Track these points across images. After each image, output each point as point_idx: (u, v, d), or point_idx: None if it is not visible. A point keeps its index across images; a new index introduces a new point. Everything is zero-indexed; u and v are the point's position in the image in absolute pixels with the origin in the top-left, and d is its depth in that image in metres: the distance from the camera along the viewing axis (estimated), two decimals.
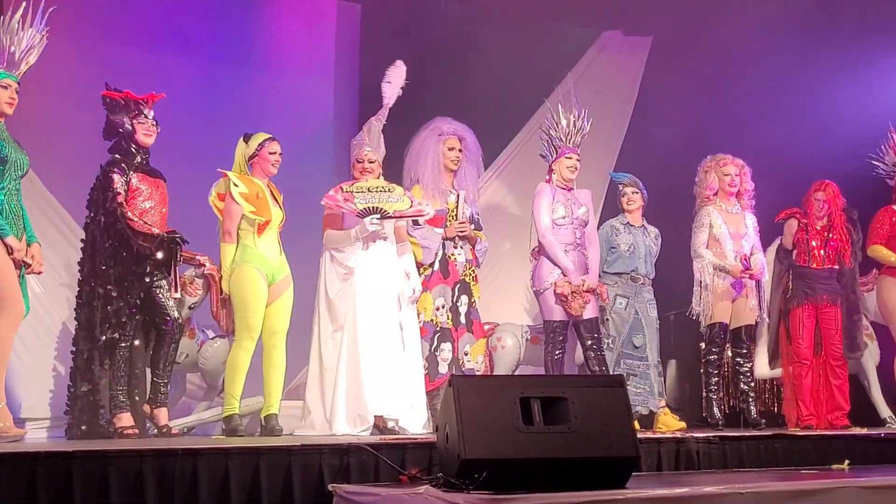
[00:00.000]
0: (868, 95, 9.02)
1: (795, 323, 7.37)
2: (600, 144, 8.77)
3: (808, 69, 9.10)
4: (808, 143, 8.81)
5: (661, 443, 5.60)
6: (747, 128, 8.73)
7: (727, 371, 7.86)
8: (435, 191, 6.70)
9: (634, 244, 7.07)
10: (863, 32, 9.08)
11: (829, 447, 6.14)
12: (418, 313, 6.49)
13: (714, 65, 9.11)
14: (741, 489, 4.40)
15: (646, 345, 6.98)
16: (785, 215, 7.56)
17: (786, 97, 9.10)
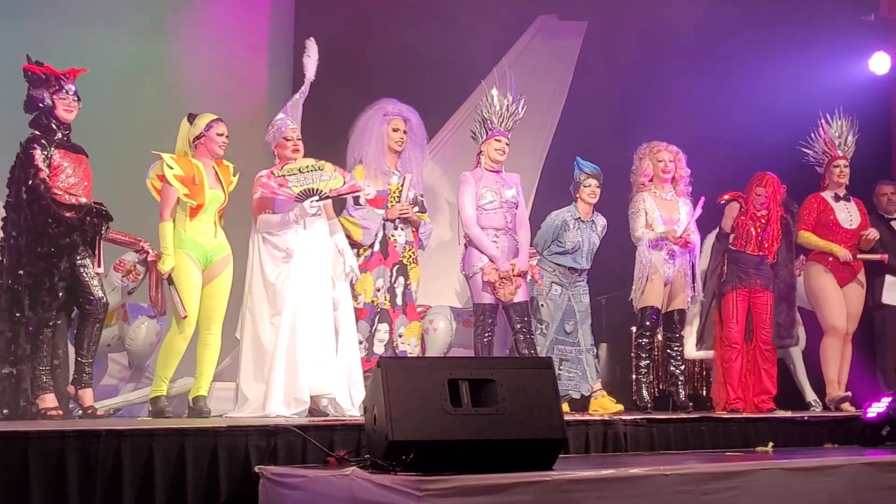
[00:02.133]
0: (803, 82, 9.13)
1: (728, 307, 7.43)
2: (534, 128, 8.78)
3: (745, 55, 9.19)
4: (745, 129, 8.91)
5: (589, 425, 5.63)
6: (684, 113, 8.77)
7: (658, 354, 7.94)
8: (377, 171, 6.67)
9: (580, 242, 7.09)
10: (798, 19, 9.20)
11: (754, 430, 6.23)
12: (358, 294, 6.47)
13: (650, 50, 9.15)
14: (666, 471, 4.45)
15: (577, 330, 7.02)
16: (727, 198, 7.61)
17: (723, 83, 9.18)
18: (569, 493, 4.12)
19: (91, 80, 6.00)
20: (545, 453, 4.36)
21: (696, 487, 4.46)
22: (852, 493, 4.94)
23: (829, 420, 6.68)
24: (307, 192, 6.00)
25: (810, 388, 8.11)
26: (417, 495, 3.74)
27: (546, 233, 7.07)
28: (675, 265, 7.18)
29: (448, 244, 7.90)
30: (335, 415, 5.80)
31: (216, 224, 6.08)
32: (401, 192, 6.71)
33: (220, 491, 4.39)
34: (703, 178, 7.57)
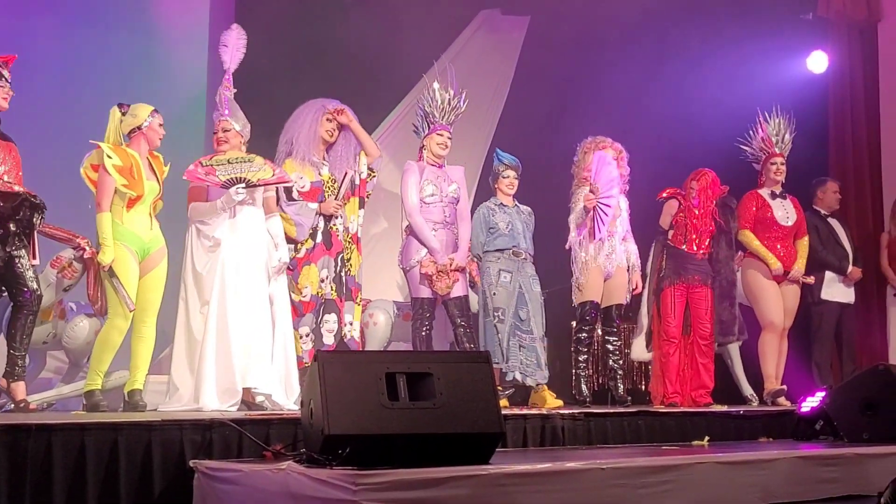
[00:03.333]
0: (743, 80, 9.22)
1: (666, 302, 7.49)
2: (476, 123, 8.78)
3: (686, 51, 9.25)
4: (685, 126, 8.97)
5: (527, 419, 5.64)
6: (625, 108, 8.82)
7: (597, 349, 7.98)
8: (306, 161, 6.62)
9: (512, 222, 7.10)
10: (738, 17, 9.28)
11: (690, 424, 6.28)
12: (303, 287, 6.43)
13: (592, 45, 9.19)
14: (602, 465, 4.47)
15: (530, 318, 7.02)
16: (666, 195, 7.67)
17: (663, 79, 9.23)
18: (505, 487, 4.12)
19: (24, 67, 5.89)
20: (482, 447, 4.36)
21: (632, 481, 4.49)
22: (785, 486, 5.00)
23: (764, 414, 6.75)
24: (234, 180, 5.96)
25: (747, 383, 8.19)
26: (353, 489, 3.72)
27: (478, 226, 7.05)
28: (614, 260, 7.20)
29: (388, 238, 7.88)
30: (272, 409, 5.76)
31: (151, 216, 6.01)
32: (336, 185, 6.66)
33: (153, 486, 4.33)
34: (643, 175, 7.61)
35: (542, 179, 7.83)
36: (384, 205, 8.04)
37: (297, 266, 6.53)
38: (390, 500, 3.78)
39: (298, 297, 6.49)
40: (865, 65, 9.94)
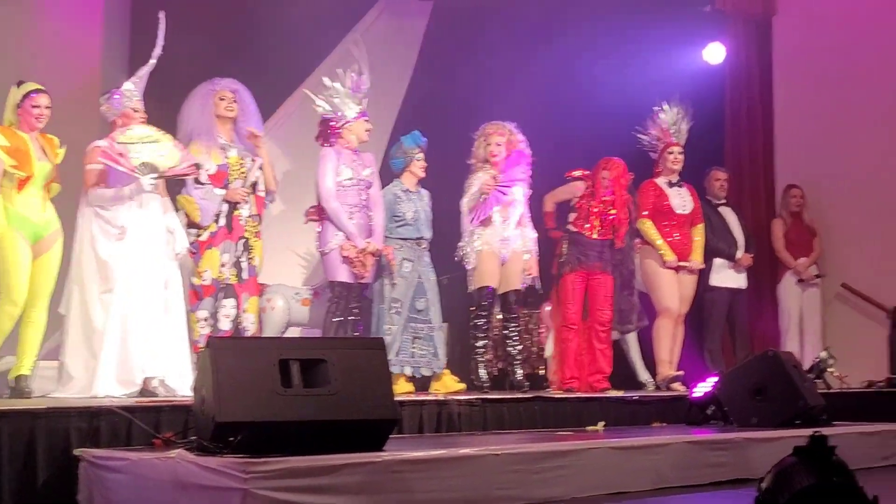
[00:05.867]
0: (642, 69, 9.31)
1: (567, 287, 7.52)
2: (379, 107, 8.70)
3: (587, 40, 9.30)
4: (586, 114, 9.02)
5: (424, 405, 5.64)
6: (528, 96, 8.83)
7: (497, 334, 8.01)
8: (213, 144, 6.52)
9: (417, 211, 7.09)
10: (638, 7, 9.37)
11: (586, 409, 6.34)
12: (203, 271, 6.35)
13: (495, 31, 9.19)
14: (496, 451, 4.50)
15: (428, 308, 7.01)
16: (575, 175, 7.69)
17: (565, 67, 9.27)
18: (399, 473, 4.12)
19: None
20: (376, 434, 4.35)
21: (526, 467, 4.52)
22: (677, 470, 5.09)
23: (658, 400, 6.85)
24: (146, 166, 5.85)
25: (644, 368, 8.32)
26: (243, 477, 3.68)
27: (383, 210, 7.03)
28: (509, 245, 7.22)
29: (285, 222, 7.80)
30: (165, 395, 5.67)
31: (44, 198, 5.85)
32: (244, 169, 6.57)
33: (37, 476, 4.22)
34: (546, 162, 7.64)
35: (442, 164, 7.81)
36: (280, 188, 7.95)
37: (199, 250, 6.43)
38: (282, 487, 3.75)
39: (198, 281, 6.41)
40: (760, 57, 10.15)
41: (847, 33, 9.72)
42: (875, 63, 9.55)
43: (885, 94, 9.47)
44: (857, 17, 9.69)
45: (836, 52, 9.76)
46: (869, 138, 9.53)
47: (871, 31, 9.60)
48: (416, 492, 4.13)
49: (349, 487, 3.92)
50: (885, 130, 9.44)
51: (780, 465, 2.98)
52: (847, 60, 9.70)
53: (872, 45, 9.58)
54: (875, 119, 9.51)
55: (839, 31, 9.76)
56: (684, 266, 7.98)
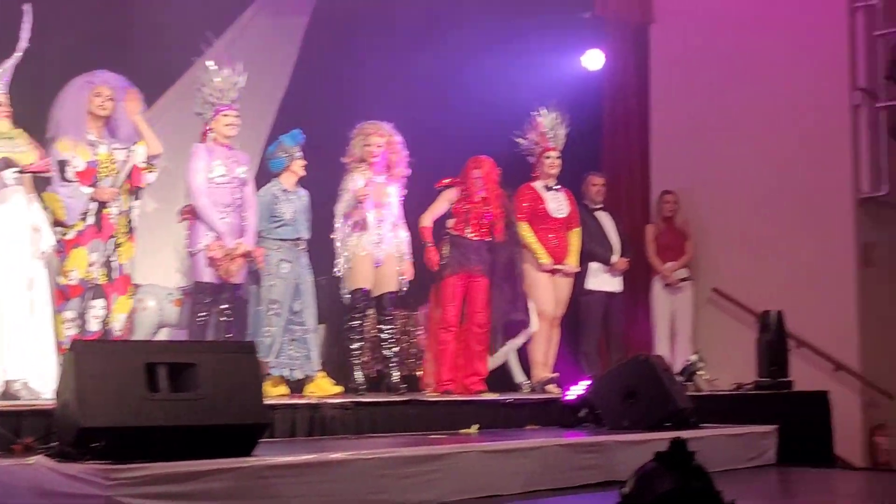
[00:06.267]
0: (521, 74, 9.39)
1: (447, 290, 7.51)
2: (258, 104, 8.62)
3: (469, 43, 9.33)
4: (466, 116, 9.05)
5: (296, 409, 5.59)
6: (408, 96, 8.83)
7: (374, 336, 7.97)
8: (81, 140, 6.33)
9: (296, 211, 7.01)
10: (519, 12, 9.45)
11: (461, 412, 6.35)
12: (70, 270, 6.15)
13: (376, 31, 9.16)
14: (367, 455, 4.49)
15: (304, 310, 6.94)
16: (445, 184, 7.72)
17: (446, 69, 9.29)
18: (267, 479, 4.08)
19: None
20: (245, 439, 4.30)
21: (397, 471, 4.53)
22: (548, 473, 5.15)
23: (532, 402, 6.91)
24: (4, 161, 5.68)
25: (520, 370, 8.38)
26: (105, 484, 3.60)
27: (260, 211, 6.94)
28: (383, 248, 7.19)
29: (161, 219, 7.64)
30: (28, 399, 5.50)
31: None
32: (114, 167, 6.40)
33: None
34: (424, 162, 7.63)
35: (322, 164, 7.75)
36: (155, 186, 7.79)
37: (66, 249, 6.23)
38: (146, 494, 3.68)
39: (65, 281, 6.20)
40: (638, 64, 10.34)
41: (722, 42, 9.97)
42: (748, 71, 9.81)
43: (758, 101, 9.74)
44: (732, 26, 9.94)
45: (711, 59, 10.00)
46: (742, 145, 9.79)
47: (744, 40, 9.86)
48: (284, 497, 4.10)
49: (215, 494, 3.87)
50: (758, 138, 9.71)
51: (641, 470, 3.04)
52: (721, 68, 9.95)
53: (746, 54, 9.84)
54: (748, 126, 9.77)
55: (714, 40, 10.01)
56: (560, 269, 8.08)
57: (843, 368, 9.16)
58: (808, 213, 9.46)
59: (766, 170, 9.66)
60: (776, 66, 9.68)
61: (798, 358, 9.01)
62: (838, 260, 9.36)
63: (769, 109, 9.68)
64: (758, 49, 9.77)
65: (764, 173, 9.66)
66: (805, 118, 9.53)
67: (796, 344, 9.11)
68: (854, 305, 9.28)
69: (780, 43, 9.68)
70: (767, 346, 8.49)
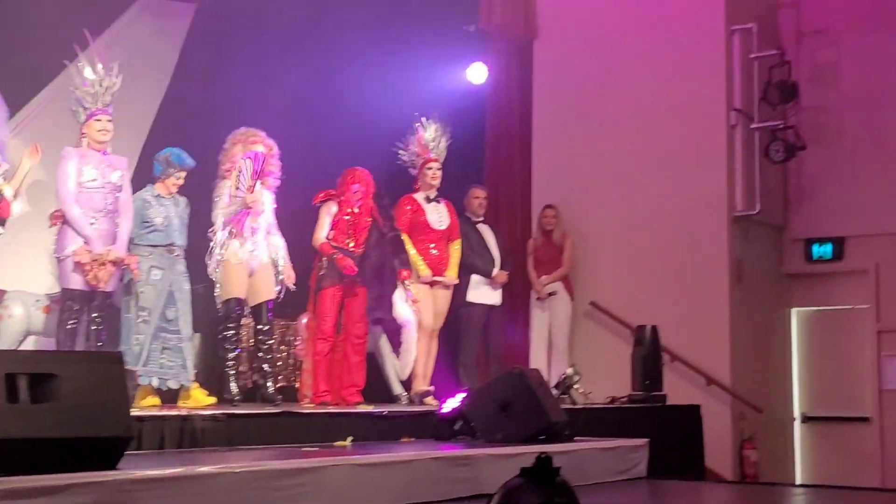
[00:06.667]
0: (406, 85, 9.38)
1: (325, 300, 7.48)
2: (137, 106, 8.45)
3: (352, 53, 9.30)
4: (346, 126, 9.01)
5: (166, 420, 5.46)
6: (288, 105, 8.75)
7: (252, 346, 7.86)
8: None
9: (168, 217, 6.86)
10: (405, 23, 9.45)
11: (335, 424, 6.29)
12: None
13: (257, 38, 9.05)
14: (236, 468, 4.40)
15: (178, 318, 6.80)
16: (323, 197, 7.66)
17: (328, 79, 9.24)
18: (131, 493, 3.98)
19: None
20: (109, 452, 4.18)
21: (267, 484, 4.45)
22: (420, 486, 5.13)
23: (408, 415, 6.88)
24: None
25: (398, 382, 8.35)
26: None
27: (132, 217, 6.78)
28: (258, 256, 7.10)
29: (31, 224, 7.43)
30: None
31: None
32: None
33: None
34: (298, 170, 7.56)
35: (201, 170, 7.62)
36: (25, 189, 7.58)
37: None
38: None
39: None
40: (521, 79, 10.45)
41: (603, 59, 10.15)
42: (629, 89, 10.00)
43: (638, 119, 9.94)
44: (614, 45, 10.13)
45: (593, 77, 10.17)
46: (622, 161, 9.97)
47: (625, 59, 10.06)
48: None
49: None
50: (637, 154, 9.90)
51: (506, 486, 3.04)
52: (603, 86, 10.13)
53: (627, 72, 10.03)
54: (628, 143, 9.95)
55: (596, 57, 10.18)
56: (439, 281, 8.09)
57: (714, 383, 9.38)
58: (684, 229, 9.67)
59: (644, 186, 9.84)
60: (656, 85, 9.89)
61: (672, 372, 9.19)
62: (712, 276, 9.58)
63: (649, 127, 9.88)
64: (639, 68, 9.96)
65: (642, 190, 9.85)
66: (683, 137, 9.75)
67: (670, 358, 9.31)
68: (727, 321, 9.52)
69: (661, 62, 9.89)
70: (642, 361, 8.63)
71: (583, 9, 10.29)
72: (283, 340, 8.45)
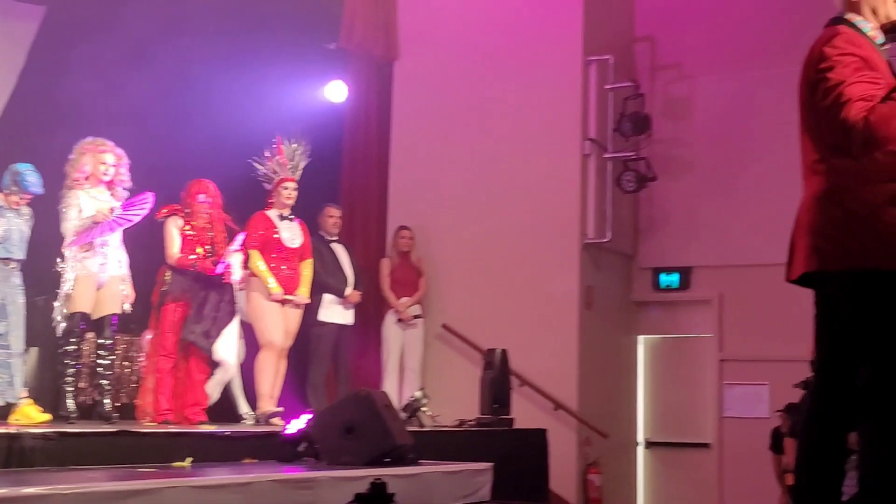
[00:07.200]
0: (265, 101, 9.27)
1: (168, 316, 7.36)
2: None
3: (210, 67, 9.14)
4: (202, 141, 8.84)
5: None
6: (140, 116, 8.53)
7: (92, 361, 7.62)
8: None
9: (9, 230, 6.60)
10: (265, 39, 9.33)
11: (175, 444, 6.10)
12: None
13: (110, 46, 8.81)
14: (65, 489, 4.23)
15: (9, 332, 6.53)
16: (166, 213, 7.49)
17: (184, 91, 9.07)
18: None
19: None
20: None
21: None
22: None
23: (252, 435, 6.74)
24: None
25: (245, 401, 8.23)
26: None
27: None
28: (107, 269, 6.90)
29: None
30: None
31: None
32: None
33: None
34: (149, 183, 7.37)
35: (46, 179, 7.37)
36: None
37: None
38: None
39: None
40: (381, 99, 10.43)
41: (463, 84, 10.21)
42: (487, 115, 10.08)
43: (495, 145, 10.02)
44: (474, 70, 10.19)
45: (452, 100, 10.22)
46: (477, 186, 10.03)
47: (484, 84, 10.14)
48: None
49: None
50: (493, 180, 9.97)
51: None
52: (461, 110, 10.19)
53: (485, 97, 10.11)
54: (484, 168, 10.02)
55: (456, 81, 10.23)
56: (290, 300, 7.98)
57: (561, 407, 9.49)
58: (536, 255, 9.77)
59: (499, 211, 9.92)
60: (514, 111, 9.99)
61: (521, 396, 9.26)
62: (563, 302, 9.70)
63: (505, 152, 9.97)
64: (497, 93, 10.06)
65: (497, 214, 9.92)
66: (538, 163, 9.86)
67: (519, 382, 9.37)
68: (576, 346, 9.64)
69: (519, 88, 9.99)
70: (491, 384, 8.66)
71: (444, 32, 10.34)
72: (126, 357, 8.23)
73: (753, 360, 10.08)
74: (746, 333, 10.17)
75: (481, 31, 10.24)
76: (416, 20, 10.42)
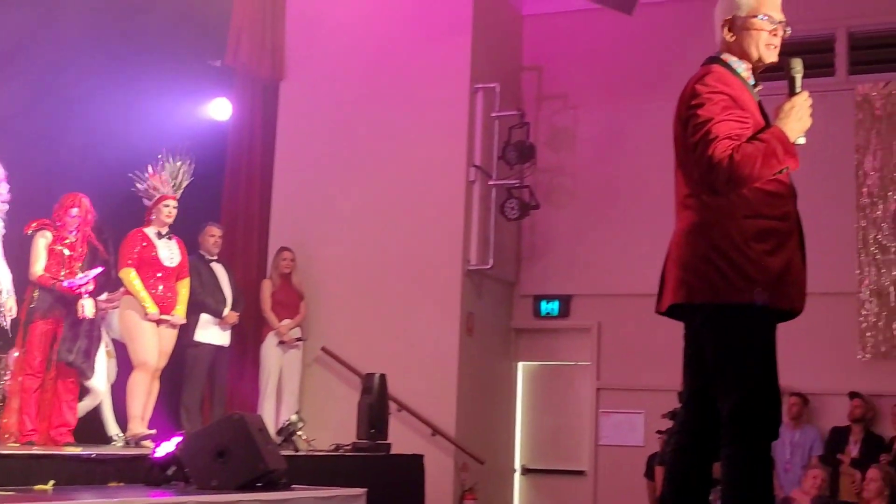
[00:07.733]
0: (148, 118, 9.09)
1: (35, 334, 7.12)
2: None
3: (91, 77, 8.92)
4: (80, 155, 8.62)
5: None
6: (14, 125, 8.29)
7: None
8: None
9: None
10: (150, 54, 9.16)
11: (38, 466, 5.89)
12: None
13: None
14: None
15: None
16: (36, 227, 7.28)
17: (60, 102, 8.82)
18: None
19: None
20: None
21: None
22: None
23: (119, 458, 6.55)
24: None
25: (115, 423, 8.03)
26: None
27: None
28: None
29: None
30: None
31: None
32: None
33: None
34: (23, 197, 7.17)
35: None
36: None
37: None
38: None
39: None
40: (266, 119, 10.34)
41: (350, 107, 10.19)
42: (373, 139, 10.08)
43: (380, 169, 10.00)
44: (361, 93, 10.19)
45: (338, 123, 10.19)
46: (361, 210, 10.01)
47: (372, 108, 10.14)
48: None
49: None
50: (378, 204, 9.95)
51: None
52: (348, 133, 10.16)
53: (372, 121, 10.11)
54: (368, 192, 9.99)
55: (343, 104, 10.21)
56: (166, 320, 7.82)
57: (439, 433, 9.48)
58: (419, 279, 9.77)
59: (382, 235, 9.89)
60: (399, 135, 10.00)
61: (398, 421, 9.22)
62: (444, 327, 9.72)
63: (389, 177, 9.96)
64: (383, 118, 10.06)
65: (381, 239, 9.90)
66: (423, 188, 9.88)
67: (398, 407, 9.33)
68: (455, 372, 9.65)
69: (405, 114, 10.01)
70: (368, 408, 8.58)
71: (332, 55, 10.30)
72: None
73: (629, 388, 10.24)
74: (623, 362, 10.32)
75: (369, 56, 10.24)
76: (304, 42, 10.37)
